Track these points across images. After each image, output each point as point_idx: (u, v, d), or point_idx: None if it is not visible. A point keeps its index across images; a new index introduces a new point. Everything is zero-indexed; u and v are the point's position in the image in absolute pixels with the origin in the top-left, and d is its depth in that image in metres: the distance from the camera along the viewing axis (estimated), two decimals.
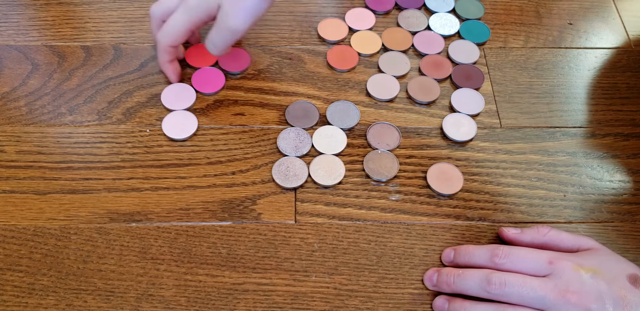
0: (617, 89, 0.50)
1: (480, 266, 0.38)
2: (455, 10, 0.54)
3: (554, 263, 0.36)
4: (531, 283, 0.36)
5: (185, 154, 0.45)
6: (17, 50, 0.49)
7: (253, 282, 0.40)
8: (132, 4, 0.52)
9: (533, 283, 0.36)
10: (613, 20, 0.55)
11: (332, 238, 0.42)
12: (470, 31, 0.52)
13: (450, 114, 0.47)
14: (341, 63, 0.49)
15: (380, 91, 0.48)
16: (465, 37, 0.52)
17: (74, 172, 0.43)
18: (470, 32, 0.52)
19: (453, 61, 0.50)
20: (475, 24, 0.53)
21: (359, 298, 0.40)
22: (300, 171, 0.44)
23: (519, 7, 0.55)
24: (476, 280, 0.37)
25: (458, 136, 0.46)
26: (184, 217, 0.42)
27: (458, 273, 0.38)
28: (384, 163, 0.45)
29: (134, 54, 0.49)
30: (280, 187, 0.43)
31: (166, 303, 0.39)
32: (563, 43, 0.53)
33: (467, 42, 0.52)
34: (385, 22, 0.53)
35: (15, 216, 0.41)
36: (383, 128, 0.46)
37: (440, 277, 0.39)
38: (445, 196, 0.44)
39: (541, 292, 0.35)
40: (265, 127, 0.46)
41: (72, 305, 0.38)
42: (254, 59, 0.50)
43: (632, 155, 0.47)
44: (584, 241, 0.39)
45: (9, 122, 0.45)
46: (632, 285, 0.35)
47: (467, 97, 0.48)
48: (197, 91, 0.47)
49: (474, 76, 0.50)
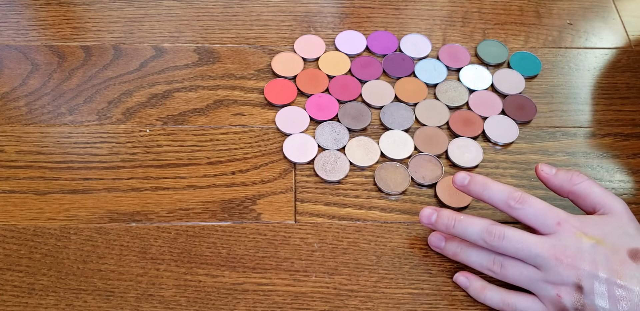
0: (617, 89, 0.50)
1: (493, 204, 0.38)
2: (479, 55, 0.51)
3: (561, 225, 0.36)
4: (529, 240, 0.36)
5: (185, 154, 0.45)
6: (17, 50, 0.49)
7: (253, 282, 0.40)
8: (132, 4, 0.52)
9: (530, 241, 0.36)
10: (613, 20, 0.55)
11: (332, 238, 0.42)
12: (519, 63, 0.51)
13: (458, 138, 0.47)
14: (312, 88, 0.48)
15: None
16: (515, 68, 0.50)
17: (74, 172, 0.43)
18: (519, 64, 0.51)
19: (500, 92, 0.49)
20: (525, 55, 0.51)
21: (359, 298, 0.40)
22: (342, 163, 0.44)
23: (519, 7, 0.55)
24: (477, 228, 0.37)
25: (463, 162, 0.45)
26: (184, 217, 0.42)
27: (460, 218, 0.38)
28: (396, 177, 0.44)
29: (134, 54, 0.49)
30: (324, 181, 0.44)
31: (166, 303, 0.39)
32: (563, 43, 0.53)
33: (513, 71, 0.50)
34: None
35: (15, 216, 0.41)
36: (426, 161, 0.45)
37: (440, 219, 0.39)
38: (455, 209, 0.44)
39: (536, 250, 0.36)
40: (265, 127, 0.46)
41: (72, 305, 0.38)
42: (254, 59, 0.50)
43: (632, 155, 0.47)
44: (611, 202, 0.38)
45: (9, 122, 0.45)
46: (631, 259, 0.35)
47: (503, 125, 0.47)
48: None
49: (526, 107, 0.48)
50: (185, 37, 0.50)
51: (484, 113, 0.48)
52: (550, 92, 0.50)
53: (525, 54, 0.51)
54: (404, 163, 0.45)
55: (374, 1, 0.54)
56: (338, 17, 0.53)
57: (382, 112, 0.47)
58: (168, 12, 0.52)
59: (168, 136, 0.45)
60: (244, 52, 0.50)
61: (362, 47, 0.51)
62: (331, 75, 0.49)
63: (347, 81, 0.49)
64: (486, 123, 0.47)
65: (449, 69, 0.50)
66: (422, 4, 0.55)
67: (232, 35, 0.51)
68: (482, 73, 0.50)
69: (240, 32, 0.51)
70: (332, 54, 0.50)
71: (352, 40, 0.51)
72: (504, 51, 0.51)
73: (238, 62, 0.50)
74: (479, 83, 0.49)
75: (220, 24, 0.52)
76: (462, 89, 0.49)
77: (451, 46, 0.51)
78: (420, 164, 0.45)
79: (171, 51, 0.50)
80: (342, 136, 0.46)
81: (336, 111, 0.47)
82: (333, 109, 0.47)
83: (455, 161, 0.45)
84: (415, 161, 0.45)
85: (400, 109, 0.48)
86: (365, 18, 0.53)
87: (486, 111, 0.48)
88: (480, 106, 0.48)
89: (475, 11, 0.54)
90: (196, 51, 0.50)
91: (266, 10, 0.53)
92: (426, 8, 0.54)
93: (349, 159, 0.45)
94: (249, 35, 0.51)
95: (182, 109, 0.47)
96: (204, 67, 0.49)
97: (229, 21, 0.52)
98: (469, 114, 0.48)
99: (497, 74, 0.50)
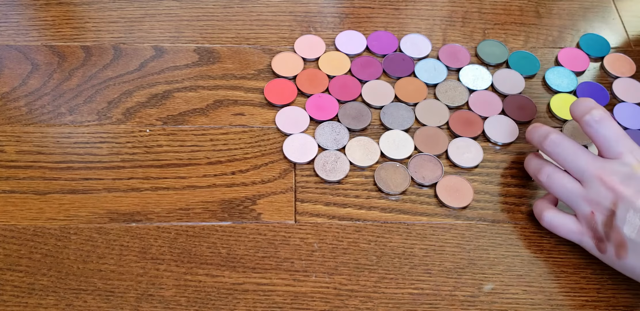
0: None
1: (572, 115, 0.39)
2: (479, 55, 0.51)
3: (624, 155, 0.37)
4: (580, 155, 0.38)
5: (185, 154, 0.45)
6: (17, 50, 0.49)
7: (253, 282, 0.40)
8: (132, 4, 0.52)
9: (582, 156, 0.38)
10: (613, 20, 0.55)
11: (332, 238, 0.42)
12: (518, 62, 0.51)
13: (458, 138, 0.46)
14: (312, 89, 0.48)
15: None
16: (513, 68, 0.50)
17: (74, 172, 0.43)
18: (517, 64, 0.50)
19: (500, 92, 0.49)
20: (523, 54, 0.51)
21: (359, 298, 0.40)
22: (342, 163, 0.44)
23: (519, 7, 0.55)
24: (540, 132, 0.40)
25: (463, 162, 0.45)
26: (184, 217, 0.42)
27: (537, 124, 0.41)
28: (396, 177, 0.44)
29: (134, 54, 0.49)
30: (324, 181, 0.44)
31: (166, 303, 0.39)
32: (563, 43, 0.53)
33: (513, 71, 0.50)
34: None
35: (15, 216, 0.41)
36: (426, 161, 0.45)
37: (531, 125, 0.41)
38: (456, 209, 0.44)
39: (584, 165, 0.37)
40: (265, 127, 0.46)
41: (72, 305, 0.38)
42: (254, 59, 0.50)
43: None
44: None
45: (9, 122, 0.45)
46: None
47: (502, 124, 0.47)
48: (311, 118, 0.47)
49: (526, 107, 0.48)
50: (185, 37, 0.51)
51: (484, 113, 0.48)
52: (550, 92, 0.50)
53: (524, 53, 0.51)
54: (404, 163, 0.45)
55: (374, 1, 0.54)
56: (338, 17, 0.53)
57: (382, 112, 0.47)
58: (168, 12, 0.52)
59: (168, 136, 0.45)
60: (244, 52, 0.50)
61: (362, 47, 0.51)
62: (331, 75, 0.49)
63: (347, 81, 0.49)
64: (486, 123, 0.47)
65: (449, 69, 0.50)
66: (422, 4, 0.55)
67: (232, 35, 0.51)
68: (482, 73, 0.50)
69: (240, 32, 0.51)
70: (332, 54, 0.50)
71: (352, 40, 0.51)
72: (504, 51, 0.51)
73: (238, 62, 0.50)
74: (479, 83, 0.49)
75: (220, 24, 0.52)
76: (462, 89, 0.49)
77: (451, 46, 0.51)
78: (420, 164, 0.45)
79: (171, 51, 0.50)
80: (342, 136, 0.46)
81: (336, 111, 0.47)
82: (333, 109, 0.47)
83: (455, 161, 0.45)
84: (415, 161, 0.45)
85: (400, 109, 0.48)
86: (365, 18, 0.53)
87: (486, 111, 0.48)
88: (480, 106, 0.48)
89: (475, 11, 0.54)
90: (196, 51, 0.50)
91: (266, 10, 0.53)
92: (426, 8, 0.54)
93: (349, 159, 0.45)
94: (249, 35, 0.51)
95: (182, 109, 0.47)
96: (204, 67, 0.49)
97: (229, 21, 0.52)
98: (469, 114, 0.48)
99: (497, 74, 0.50)
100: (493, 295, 0.40)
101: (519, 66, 0.50)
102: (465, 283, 0.41)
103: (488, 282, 0.41)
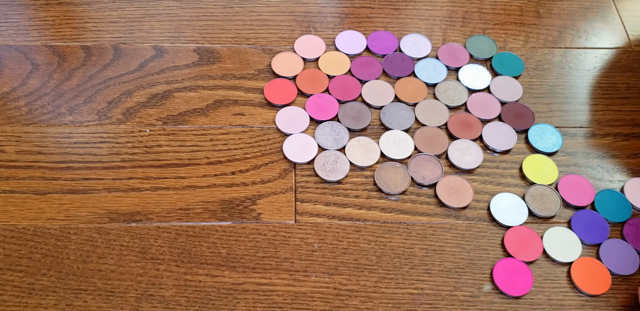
0: (617, 89, 0.50)
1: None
2: (469, 51, 0.51)
3: None
4: None
5: (185, 154, 0.45)
6: (17, 50, 0.49)
7: (253, 282, 0.40)
8: (132, 4, 0.52)
9: None
10: (613, 20, 0.55)
11: (332, 238, 0.42)
12: (503, 64, 0.50)
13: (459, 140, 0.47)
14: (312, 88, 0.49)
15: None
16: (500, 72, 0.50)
17: (74, 172, 0.43)
18: (503, 65, 0.50)
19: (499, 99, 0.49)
20: (507, 55, 0.51)
21: (359, 298, 0.40)
22: (343, 162, 0.44)
23: (519, 7, 0.55)
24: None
25: (463, 164, 0.45)
26: (184, 217, 0.42)
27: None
28: (396, 177, 0.44)
29: (134, 54, 0.49)
30: (324, 180, 0.44)
31: (166, 303, 0.39)
32: (563, 43, 0.53)
33: (507, 77, 0.50)
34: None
35: (15, 216, 0.41)
36: (426, 161, 0.45)
37: None
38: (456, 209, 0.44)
39: None
40: (265, 127, 0.46)
41: (72, 305, 0.38)
42: (254, 59, 0.50)
43: (632, 155, 0.47)
44: None
45: (9, 122, 0.45)
46: None
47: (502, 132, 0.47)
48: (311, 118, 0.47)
49: (524, 115, 0.48)
50: (185, 37, 0.51)
51: (482, 115, 0.48)
52: (550, 92, 0.50)
53: (506, 54, 0.51)
54: (404, 163, 0.45)
55: (374, 1, 0.54)
56: (338, 17, 0.53)
57: (382, 112, 0.47)
58: (168, 12, 0.52)
59: (168, 136, 0.45)
60: (244, 52, 0.50)
61: (362, 47, 0.51)
62: (331, 75, 0.49)
63: (347, 81, 0.49)
64: (484, 130, 0.47)
65: (449, 69, 0.50)
66: (422, 4, 0.55)
67: (232, 35, 0.51)
68: (481, 73, 0.50)
69: (240, 32, 0.51)
70: (332, 54, 0.50)
71: (352, 40, 0.51)
72: (492, 47, 0.51)
73: (238, 62, 0.50)
74: (478, 82, 0.49)
75: (220, 24, 0.52)
76: (461, 89, 0.49)
77: (450, 45, 0.51)
78: (420, 164, 0.45)
79: (171, 51, 0.50)
80: (342, 136, 0.46)
81: (336, 111, 0.47)
82: (333, 109, 0.47)
83: (455, 163, 0.45)
84: (415, 161, 0.45)
85: (400, 109, 0.48)
86: (365, 18, 0.53)
87: (484, 114, 0.48)
88: (479, 108, 0.48)
89: (475, 11, 0.54)
90: (196, 51, 0.50)
91: (266, 10, 0.53)
92: (426, 8, 0.54)
93: (349, 159, 0.45)
94: (249, 35, 0.51)
95: (182, 109, 0.47)
96: (204, 67, 0.49)
97: (229, 21, 0.52)
98: (468, 116, 0.48)
99: (495, 81, 0.50)
100: (493, 295, 0.40)
101: (502, 67, 0.50)
102: (465, 283, 0.41)
103: (488, 282, 0.41)
